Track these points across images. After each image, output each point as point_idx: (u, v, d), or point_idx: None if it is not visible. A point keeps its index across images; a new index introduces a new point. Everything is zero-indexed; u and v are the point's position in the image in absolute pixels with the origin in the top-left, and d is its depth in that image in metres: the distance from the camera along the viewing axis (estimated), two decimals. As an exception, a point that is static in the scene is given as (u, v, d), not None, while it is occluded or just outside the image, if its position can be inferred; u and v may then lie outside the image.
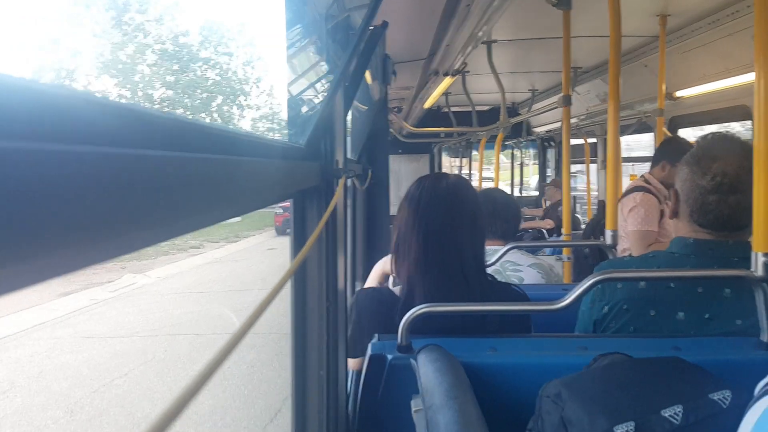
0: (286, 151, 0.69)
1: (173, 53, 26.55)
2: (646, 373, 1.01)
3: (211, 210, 0.42)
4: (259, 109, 30.11)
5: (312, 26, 1.34)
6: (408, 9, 1.90)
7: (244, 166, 0.48)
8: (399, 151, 7.01)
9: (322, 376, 0.98)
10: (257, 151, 0.53)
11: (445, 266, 1.42)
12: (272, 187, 0.61)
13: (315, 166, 0.85)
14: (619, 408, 0.91)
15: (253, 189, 0.53)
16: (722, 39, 2.77)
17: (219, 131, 0.42)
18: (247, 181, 0.51)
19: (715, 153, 1.35)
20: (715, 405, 0.92)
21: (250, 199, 0.53)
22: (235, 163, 0.45)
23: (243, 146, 0.48)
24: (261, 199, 0.60)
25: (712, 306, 1.36)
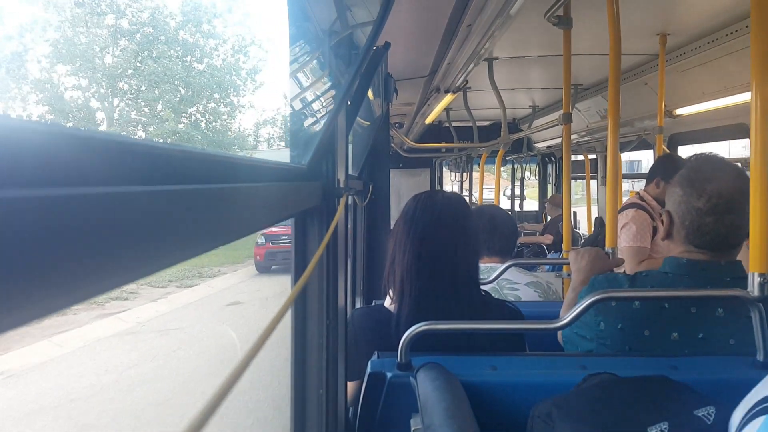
0: (287, 172, 0.70)
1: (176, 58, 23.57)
2: (633, 392, 1.03)
3: (207, 237, 0.43)
4: (264, 124, 29.10)
5: (315, 42, 1.36)
6: (410, 27, 1.92)
7: (244, 192, 0.49)
8: (400, 165, 7.03)
9: (322, 394, 0.98)
10: (257, 175, 0.53)
11: (435, 278, 1.44)
12: (272, 209, 0.62)
13: (317, 185, 0.85)
14: (607, 426, 0.93)
15: (252, 212, 0.54)
16: (721, 58, 2.79)
17: (218, 159, 0.43)
18: (247, 206, 0.52)
19: (707, 174, 1.36)
20: (700, 421, 0.94)
21: (249, 222, 0.54)
22: (235, 190, 0.45)
23: (243, 172, 0.49)
24: (261, 221, 0.61)
25: (705, 326, 1.37)
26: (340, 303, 1.11)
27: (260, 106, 29.57)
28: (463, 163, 8.17)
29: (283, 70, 5.23)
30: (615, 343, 1.43)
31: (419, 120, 4.71)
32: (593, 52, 3.14)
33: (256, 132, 28.67)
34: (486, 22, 1.82)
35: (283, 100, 21.53)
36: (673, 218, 1.41)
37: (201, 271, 13.87)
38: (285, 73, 1.22)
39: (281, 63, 8.15)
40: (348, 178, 1.26)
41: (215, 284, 12.80)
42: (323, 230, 0.89)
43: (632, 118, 4.03)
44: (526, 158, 7.54)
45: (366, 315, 1.56)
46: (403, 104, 3.90)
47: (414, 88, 3.15)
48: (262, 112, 32.75)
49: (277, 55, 26.04)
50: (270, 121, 29.05)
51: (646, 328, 1.40)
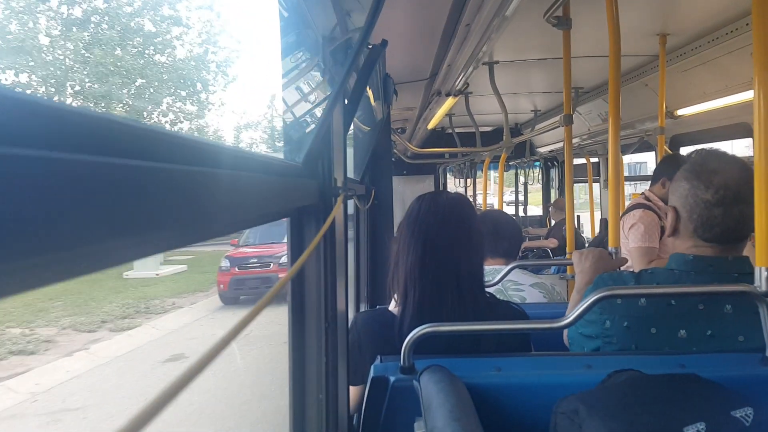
0: (282, 168, 0.69)
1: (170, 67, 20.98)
2: (664, 390, 1.00)
3: (207, 223, 0.42)
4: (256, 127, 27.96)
5: (313, 49, 1.35)
6: (408, 28, 1.92)
7: (240, 181, 0.48)
8: (404, 172, 7.03)
9: (321, 399, 0.96)
10: (253, 166, 0.52)
11: (440, 279, 1.42)
12: (269, 204, 0.60)
13: (312, 183, 0.84)
14: (641, 425, 0.90)
15: (249, 205, 0.53)
16: (721, 57, 2.78)
17: (215, 146, 0.42)
18: (243, 197, 0.50)
19: (713, 166, 1.35)
20: (737, 423, 0.91)
21: (246, 215, 0.53)
22: (232, 177, 0.44)
23: (239, 161, 0.48)
24: (258, 216, 0.60)
25: (713, 323, 1.34)
26: (340, 306, 1.10)
27: (240, 106, 28.87)
28: (466, 168, 8.17)
29: (277, 72, 5.16)
30: (621, 342, 1.40)
31: (421, 125, 4.70)
32: (593, 54, 3.13)
33: (237, 136, 27.16)
34: (484, 22, 1.81)
35: (277, 102, 20.90)
36: (680, 213, 1.39)
37: (149, 305, 10.73)
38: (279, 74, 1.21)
39: (276, 65, 8.10)
40: (347, 179, 1.25)
41: (163, 324, 9.68)
42: (320, 230, 0.88)
43: (633, 120, 4.02)
44: (528, 163, 7.53)
45: (369, 318, 1.54)
46: (405, 109, 3.90)
47: (415, 92, 3.15)
48: (243, 114, 31.51)
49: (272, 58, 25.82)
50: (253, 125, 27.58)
51: (653, 326, 1.38)
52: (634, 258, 2.88)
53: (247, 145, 26.71)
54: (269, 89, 27.38)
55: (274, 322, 6.92)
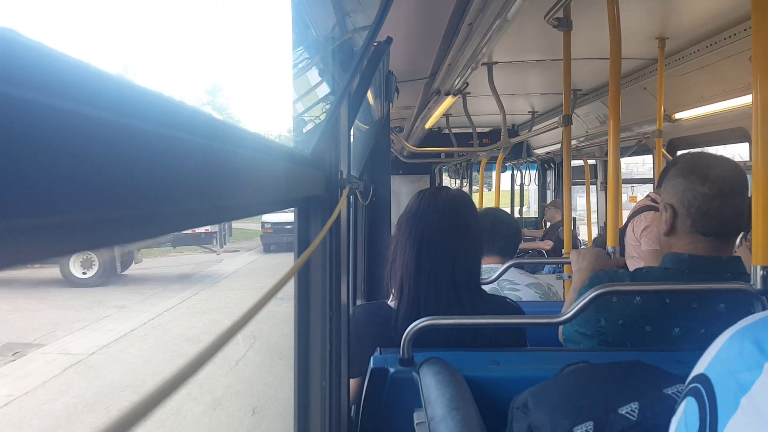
0: (292, 157, 0.70)
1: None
2: (605, 376, 1.05)
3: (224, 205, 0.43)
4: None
5: (315, 47, 1.37)
6: (411, 27, 1.93)
7: (253, 164, 0.49)
8: (400, 171, 7.04)
9: (325, 386, 0.98)
10: (266, 151, 0.54)
11: (437, 275, 1.44)
12: (278, 191, 0.62)
13: (320, 175, 0.86)
14: (579, 410, 0.96)
15: (260, 190, 0.54)
16: (720, 62, 2.80)
17: (233, 126, 0.43)
18: (255, 181, 0.52)
19: (707, 162, 1.39)
20: (669, 399, 0.95)
21: (257, 201, 0.54)
22: (246, 158, 0.46)
23: (253, 143, 0.49)
24: (268, 202, 0.61)
25: (707, 321, 1.37)
26: (343, 296, 1.12)
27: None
28: (462, 169, 8.19)
29: (286, 71, 5.43)
30: (616, 340, 1.43)
31: (419, 124, 4.72)
32: (592, 56, 3.15)
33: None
34: (486, 22, 1.83)
35: (287, 96, 21.37)
36: (677, 210, 1.41)
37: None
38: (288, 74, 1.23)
39: (284, 65, 8.31)
40: (350, 175, 1.27)
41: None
42: (326, 220, 0.90)
43: (631, 123, 4.04)
44: (525, 164, 7.56)
45: (367, 311, 1.56)
46: (404, 107, 3.91)
47: (414, 91, 3.16)
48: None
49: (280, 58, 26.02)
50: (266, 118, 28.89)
51: (648, 323, 1.40)
52: (648, 260, 2.89)
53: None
54: (280, 84, 27.70)
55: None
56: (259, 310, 0.46)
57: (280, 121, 28.41)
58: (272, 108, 29.23)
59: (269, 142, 0.57)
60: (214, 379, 6.18)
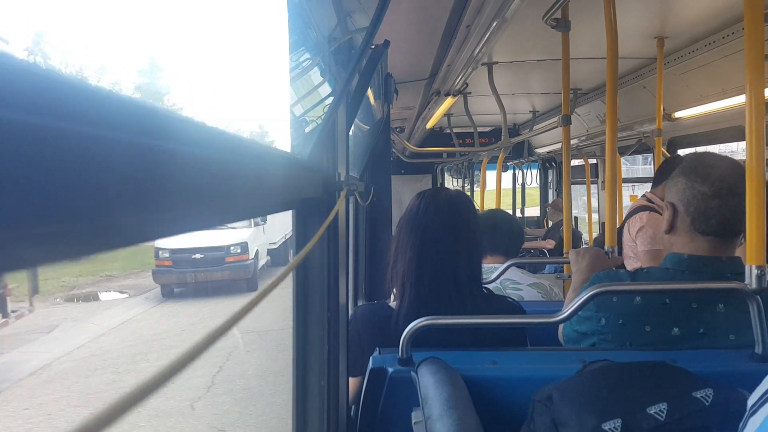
0: (289, 161, 0.72)
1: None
2: (633, 376, 1.06)
3: (217, 211, 0.44)
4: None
5: (315, 48, 1.38)
6: (410, 28, 1.94)
7: (249, 171, 0.50)
8: (401, 171, 7.06)
9: (323, 386, 0.99)
10: (262, 156, 0.55)
11: (438, 275, 1.45)
12: (275, 195, 0.63)
13: (317, 177, 0.87)
14: (607, 407, 0.96)
15: (257, 194, 0.55)
16: (718, 60, 2.80)
17: (227, 134, 0.44)
18: (252, 186, 0.53)
19: (709, 161, 1.40)
20: (698, 402, 0.96)
21: (254, 204, 0.56)
22: (241, 166, 0.47)
23: (248, 151, 0.50)
24: (265, 205, 0.62)
25: (706, 321, 1.38)
26: (341, 298, 1.13)
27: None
28: (464, 168, 8.20)
29: (284, 72, 5.17)
30: (616, 339, 1.44)
31: (420, 124, 4.73)
32: (592, 56, 3.16)
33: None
34: (484, 23, 1.84)
35: (285, 98, 21.26)
36: (677, 208, 1.43)
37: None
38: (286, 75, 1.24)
39: (282, 66, 8.16)
40: (349, 176, 1.28)
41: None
42: (323, 223, 0.91)
43: (632, 122, 4.05)
44: (527, 163, 7.56)
45: (368, 312, 1.57)
46: (404, 108, 3.92)
47: (414, 91, 3.18)
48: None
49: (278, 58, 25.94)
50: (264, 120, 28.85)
51: (647, 323, 1.41)
52: (643, 261, 2.90)
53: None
54: (277, 86, 27.48)
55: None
56: (250, 310, 0.47)
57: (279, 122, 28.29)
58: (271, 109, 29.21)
59: (265, 148, 0.58)
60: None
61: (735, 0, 2.26)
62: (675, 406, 0.95)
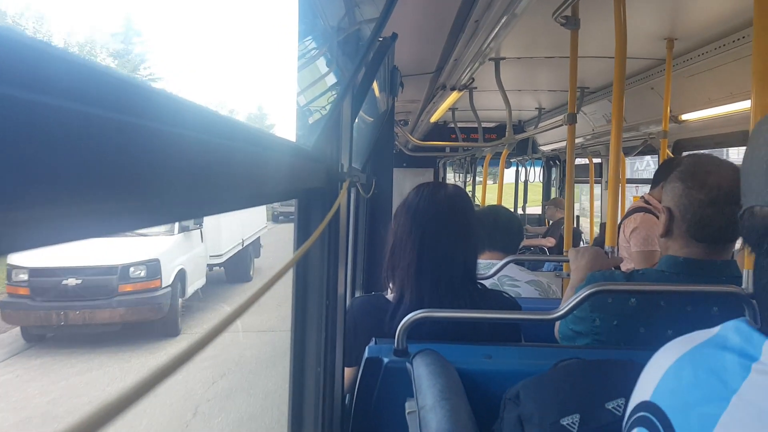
0: (294, 150, 0.72)
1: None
2: (597, 373, 1.08)
3: (220, 197, 0.45)
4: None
5: (323, 37, 1.38)
6: (418, 22, 1.94)
7: (258, 159, 0.51)
8: (404, 164, 7.06)
9: (319, 372, 1.01)
10: (268, 144, 0.56)
11: (435, 269, 1.46)
12: (280, 184, 0.64)
13: (321, 167, 0.88)
14: (567, 402, 1.00)
15: (263, 183, 0.56)
16: (727, 65, 2.80)
17: (239, 123, 0.45)
18: (259, 175, 0.54)
19: (707, 168, 1.39)
20: None
21: (259, 191, 0.56)
22: (251, 154, 0.47)
23: (258, 139, 0.51)
24: (270, 194, 0.63)
25: (700, 324, 1.38)
26: (340, 287, 1.14)
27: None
28: (467, 164, 8.19)
29: (292, 60, 5.12)
30: (610, 340, 1.45)
31: (424, 118, 4.73)
32: (600, 55, 3.15)
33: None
34: (493, 19, 1.84)
35: (292, 87, 21.23)
36: (674, 213, 1.43)
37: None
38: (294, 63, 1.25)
39: (290, 54, 8.10)
40: (352, 167, 1.29)
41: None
42: (326, 212, 0.92)
43: (638, 123, 4.04)
44: (530, 161, 7.55)
45: (365, 303, 1.59)
46: (409, 101, 3.92)
47: (420, 85, 3.17)
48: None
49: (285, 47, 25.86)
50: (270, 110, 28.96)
51: (642, 325, 1.42)
52: (636, 262, 2.91)
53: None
54: (285, 75, 27.28)
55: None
56: (256, 300, 0.48)
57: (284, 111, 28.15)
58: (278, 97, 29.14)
59: (272, 137, 0.59)
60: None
61: (745, 4, 2.25)
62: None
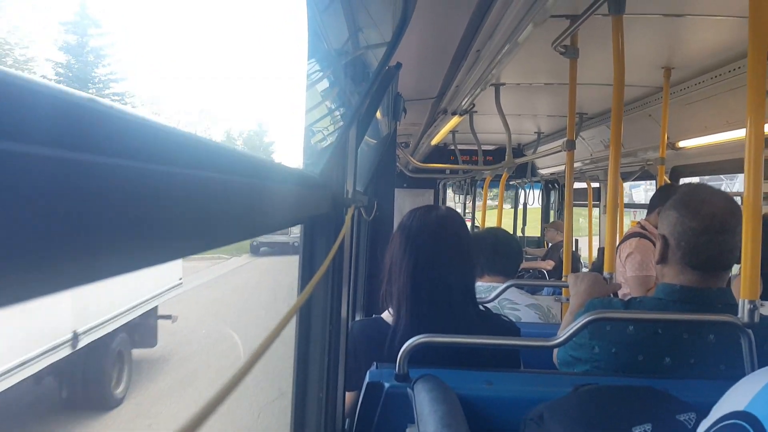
0: (300, 178, 0.74)
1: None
2: (620, 398, 1.09)
3: (229, 229, 0.46)
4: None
5: (326, 61, 1.41)
6: (421, 50, 1.98)
7: (262, 190, 0.53)
8: (404, 185, 7.08)
9: (321, 398, 1.01)
10: (275, 176, 0.58)
11: (432, 294, 1.48)
12: (286, 211, 0.66)
13: (327, 194, 0.90)
14: (595, 426, 0.99)
15: (269, 212, 0.58)
16: (724, 93, 2.84)
17: (242, 155, 0.47)
18: (263, 204, 0.56)
19: (702, 197, 1.42)
20: (681, 425, 0.99)
21: (265, 221, 0.58)
22: (255, 186, 0.49)
23: (262, 171, 0.53)
24: (275, 222, 0.65)
25: (697, 351, 1.40)
26: (343, 312, 1.15)
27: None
28: (467, 185, 8.23)
29: (299, 86, 5.12)
30: (609, 367, 1.46)
31: (425, 140, 4.77)
32: (599, 83, 3.20)
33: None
34: (494, 48, 1.87)
35: (299, 113, 21.35)
36: (669, 241, 1.45)
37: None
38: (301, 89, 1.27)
39: (297, 80, 8.06)
40: (355, 191, 1.31)
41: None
42: (330, 238, 0.93)
43: (636, 149, 4.09)
44: (529, 184, 7.59)
45: (365, 327, 1.60)
46: (411, 124, 3.96)
47: (421, 109, 3.21)
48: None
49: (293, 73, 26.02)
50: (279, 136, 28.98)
51: (640, 353, 1.44)
52: (632, 287, 2.93)
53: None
54: (293, 97, 27.28)
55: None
56: (276, 337, 0.48)
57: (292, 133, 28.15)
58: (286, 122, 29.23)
59: (277, 167, 0.61)
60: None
61: (741, 36, 2.30)
62: (659, 427, 0.98)
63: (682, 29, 2.35)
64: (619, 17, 1.95)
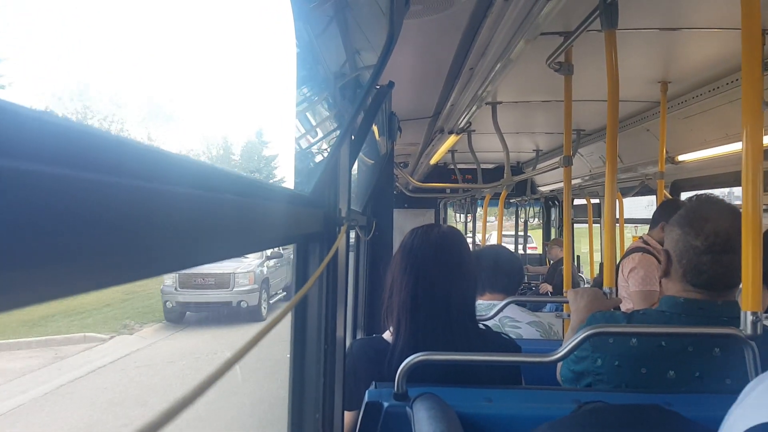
0: (291, 197, 0.74)
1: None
2: (626, 418, 1.05)
3: (221, 246, 0.46)
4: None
5: (323, 84, 1.42)
6: (415, 69, 1.99)
7: (253, 208, 0.52)
8: (405, 205, 7.09)
9: (318, 419, 1.00)
10: (265, 195, 0.57)
11: (432, 310, 1.47)
12: (277, 230, 0.65)
13: (318, 213, 0.89)
14: None
15: (260, 230, 0.57)
16: (722, 106, 2.84)
17: (233, 175, 0.47)
18: (255, 222, 0.55)
19: (706, 214, 1.39)
20: None
21: (257, 240, 0.58)
22: (246, 204, 0.49)
23: (253, 190, 0.53)
24: (267, 241, 0.64)
25: (701, 365, 1.38)
26: (339, 331, 1.14)
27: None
28: (467, 204, 8.23)
29: (290, 104, 4.94)
30: (612, 380, 1.44)
31: (424, 160, 4.78)
32: (595, 98, 3.21)
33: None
34: (487, 66, 1.88)
35: (290, 133, 21.38)
36: (671, 257, 1.44)
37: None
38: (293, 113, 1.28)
39: (290, 99, 8.14)
40: (350, 210, 1.31)
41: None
42: (324, 257, 0.93)
43: (635, 164, 4.08)
44: (529, 201, 7.59)
45: (365, 346, 1.59)
46: (408, 144, 3.97)
47: (419, 129, 3.22)
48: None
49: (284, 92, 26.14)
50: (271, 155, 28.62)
51: (643, 366, 1.42)
52: (635, 302, 2.91)
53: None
54: (283, 120, 27.41)
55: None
56: (256, 343, 0.49)
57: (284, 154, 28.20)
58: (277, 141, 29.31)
59: (268, 186, 0.60)
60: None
61: (736, 48, 2.30)
62: None
63: (678, 43, 2.36)
64: (612, 32, 1.95)
